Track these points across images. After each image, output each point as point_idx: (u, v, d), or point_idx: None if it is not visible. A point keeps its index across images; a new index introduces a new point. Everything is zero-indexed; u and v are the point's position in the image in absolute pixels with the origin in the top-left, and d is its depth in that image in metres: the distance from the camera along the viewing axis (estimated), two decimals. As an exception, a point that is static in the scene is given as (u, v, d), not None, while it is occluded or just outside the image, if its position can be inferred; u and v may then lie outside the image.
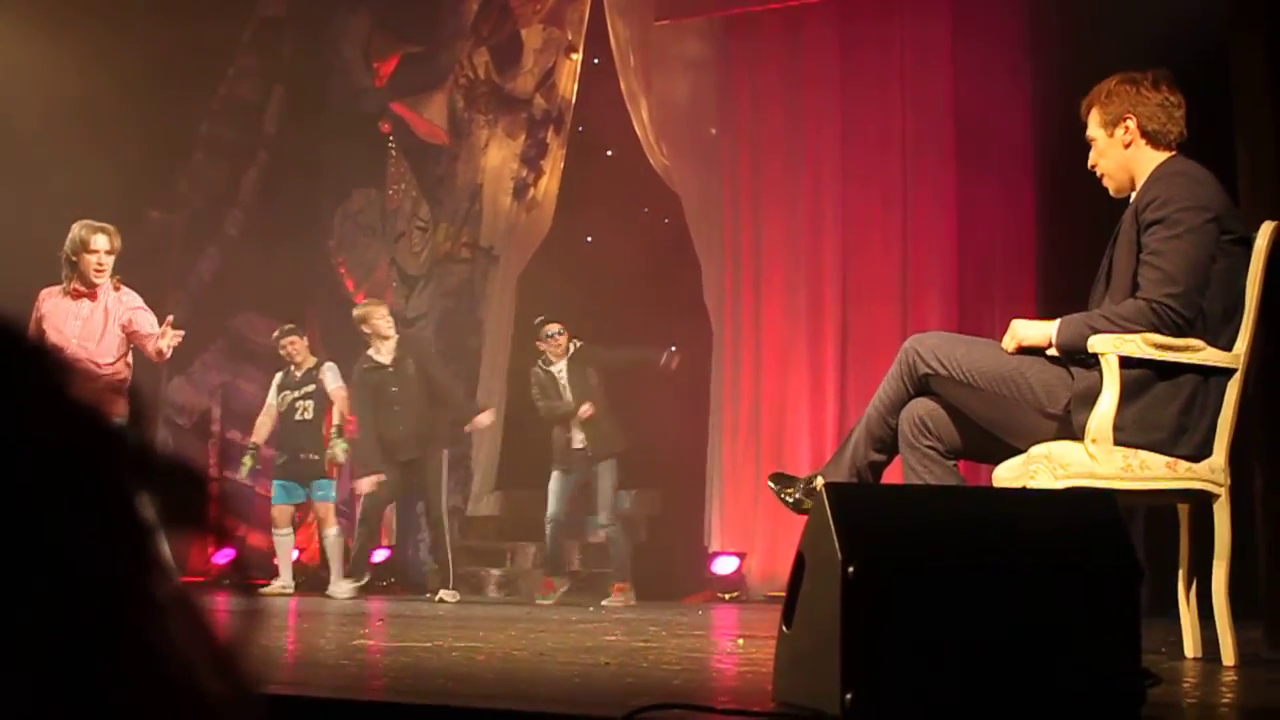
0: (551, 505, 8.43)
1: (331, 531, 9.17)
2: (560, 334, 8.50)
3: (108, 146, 9.28)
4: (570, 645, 4.26)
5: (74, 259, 6.27)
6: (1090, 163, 3.77)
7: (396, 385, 8.55)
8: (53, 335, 6.26)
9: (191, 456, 0.56)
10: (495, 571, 9.51)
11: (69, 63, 9.27)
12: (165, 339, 6.17)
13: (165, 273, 11.35)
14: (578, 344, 8.55)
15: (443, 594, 8.35)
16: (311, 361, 9.31)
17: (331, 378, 9.19)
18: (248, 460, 9.30)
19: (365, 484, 8.68)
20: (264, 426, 9.36)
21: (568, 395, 8.43)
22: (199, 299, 11.46)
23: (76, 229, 6.33)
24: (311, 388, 9.22)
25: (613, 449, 8.35)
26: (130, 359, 6.40)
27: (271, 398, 9.36)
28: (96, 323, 6.29)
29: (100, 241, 6.26)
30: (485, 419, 9.03)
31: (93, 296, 6.31)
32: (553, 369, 8.50)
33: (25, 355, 0.53)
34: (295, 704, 2.57)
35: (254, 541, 11.50)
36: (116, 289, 6.38)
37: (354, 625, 5.63)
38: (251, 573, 11.14)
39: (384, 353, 8.63)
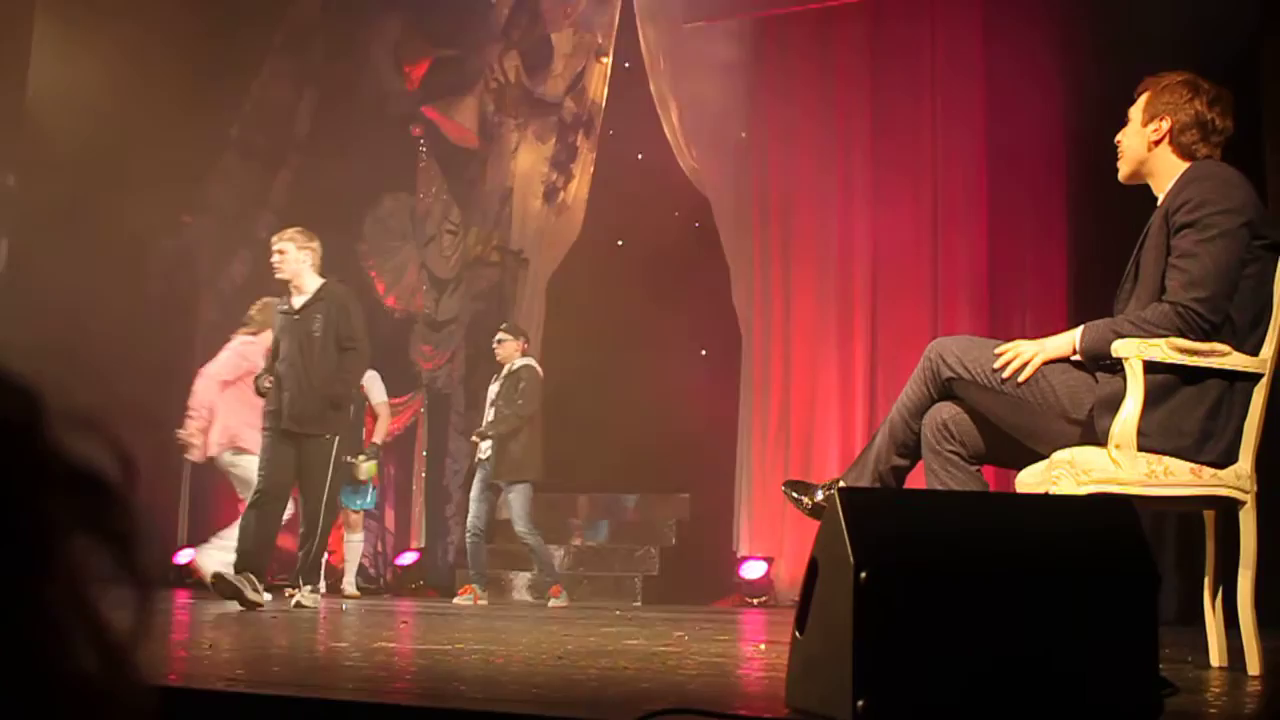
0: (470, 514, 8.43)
1: (356, 537, 9.17)
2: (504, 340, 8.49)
3: (140, 151, 9.33)
4: (590, 649, 4.25)
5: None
6: (1117, 138, 3.71)
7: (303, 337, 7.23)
8: None
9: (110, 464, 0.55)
10: (525, 575, 9.44)
11: (101, 69, 9.33)
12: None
13: (197, 275, 11.42)
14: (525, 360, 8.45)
15: (299, 595, 7.21)
16: None
17: (377, 390, 9.14)
18: (370, 464, 9.06)
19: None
20: None
21: (488, 412, 8.45)
22: (230, 302, 11.52)
23: None
24: None
25: (518, 475, 8.26)
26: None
27: None
28: None
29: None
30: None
31: None
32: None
33: None
34: (307, 706, 2.56)
35: (283, 543, 11.54)
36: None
37: (378, 627, 5.64)
38: (279, 575, 11.16)
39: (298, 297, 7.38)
